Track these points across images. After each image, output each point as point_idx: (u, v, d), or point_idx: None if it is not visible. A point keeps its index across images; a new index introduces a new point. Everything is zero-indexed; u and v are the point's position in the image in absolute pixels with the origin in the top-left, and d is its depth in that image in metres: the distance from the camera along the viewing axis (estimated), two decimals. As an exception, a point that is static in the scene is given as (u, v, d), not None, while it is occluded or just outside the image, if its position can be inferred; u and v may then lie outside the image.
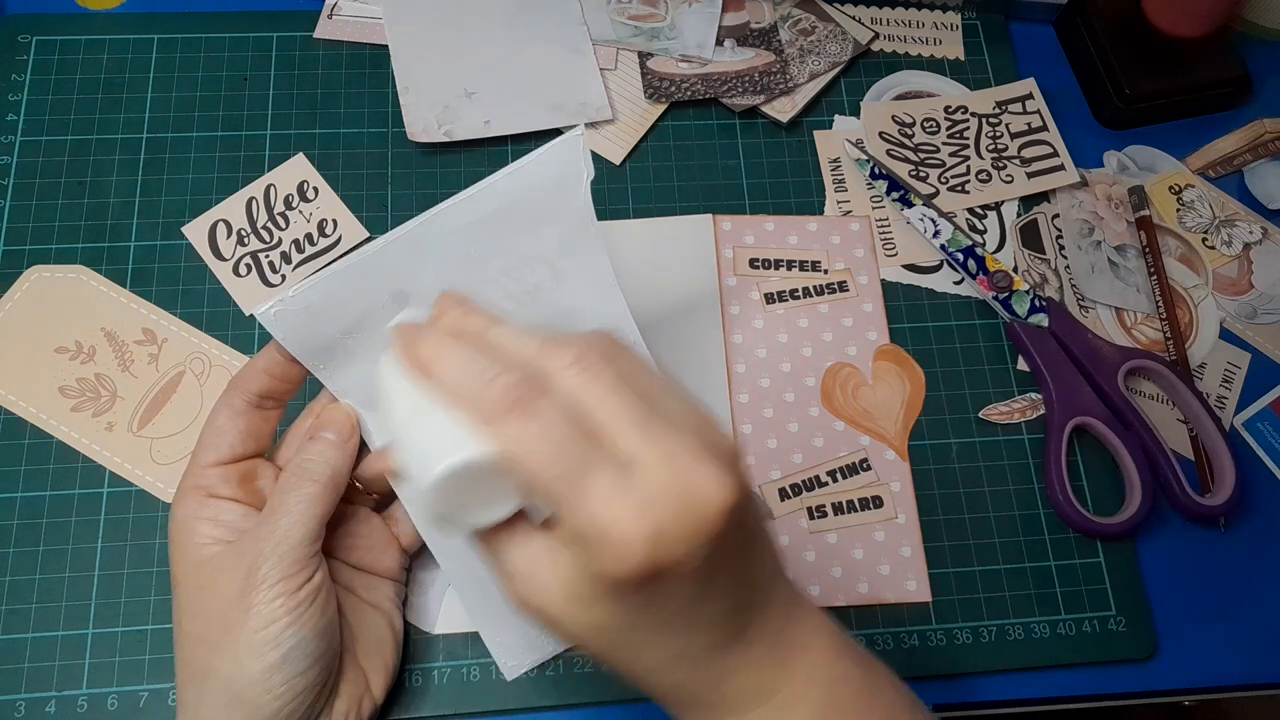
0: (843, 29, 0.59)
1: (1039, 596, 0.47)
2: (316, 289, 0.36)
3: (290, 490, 0.37)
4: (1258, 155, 0.57)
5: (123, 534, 0.46)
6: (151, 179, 0.52)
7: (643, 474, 0.28)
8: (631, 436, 0.29)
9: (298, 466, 0.38)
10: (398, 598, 0.43)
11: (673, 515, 0.28)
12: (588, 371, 0.30)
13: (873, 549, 0.47)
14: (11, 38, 0.55)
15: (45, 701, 0.43)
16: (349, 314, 0.37)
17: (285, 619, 0.35)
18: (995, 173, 0.56)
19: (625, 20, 0.58)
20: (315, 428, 0.39)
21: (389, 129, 0.54)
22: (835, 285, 0.52)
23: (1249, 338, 0.53)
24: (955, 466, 0.49)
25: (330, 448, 0.39)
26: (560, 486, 0.28)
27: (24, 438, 0.47)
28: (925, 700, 0.45)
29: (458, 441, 0.30)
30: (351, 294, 0.37)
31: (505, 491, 0.31)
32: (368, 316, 0.38)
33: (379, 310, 0.38)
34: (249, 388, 0.39)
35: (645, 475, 0.28)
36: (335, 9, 0.57)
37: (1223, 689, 0.47)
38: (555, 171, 0.38)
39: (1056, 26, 0.61)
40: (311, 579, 0.37)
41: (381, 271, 0.37)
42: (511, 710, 0.44)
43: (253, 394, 0.39)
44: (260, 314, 0.36)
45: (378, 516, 0.43)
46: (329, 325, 0.37)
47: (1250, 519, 0.50)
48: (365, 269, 0.37)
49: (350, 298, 0.37)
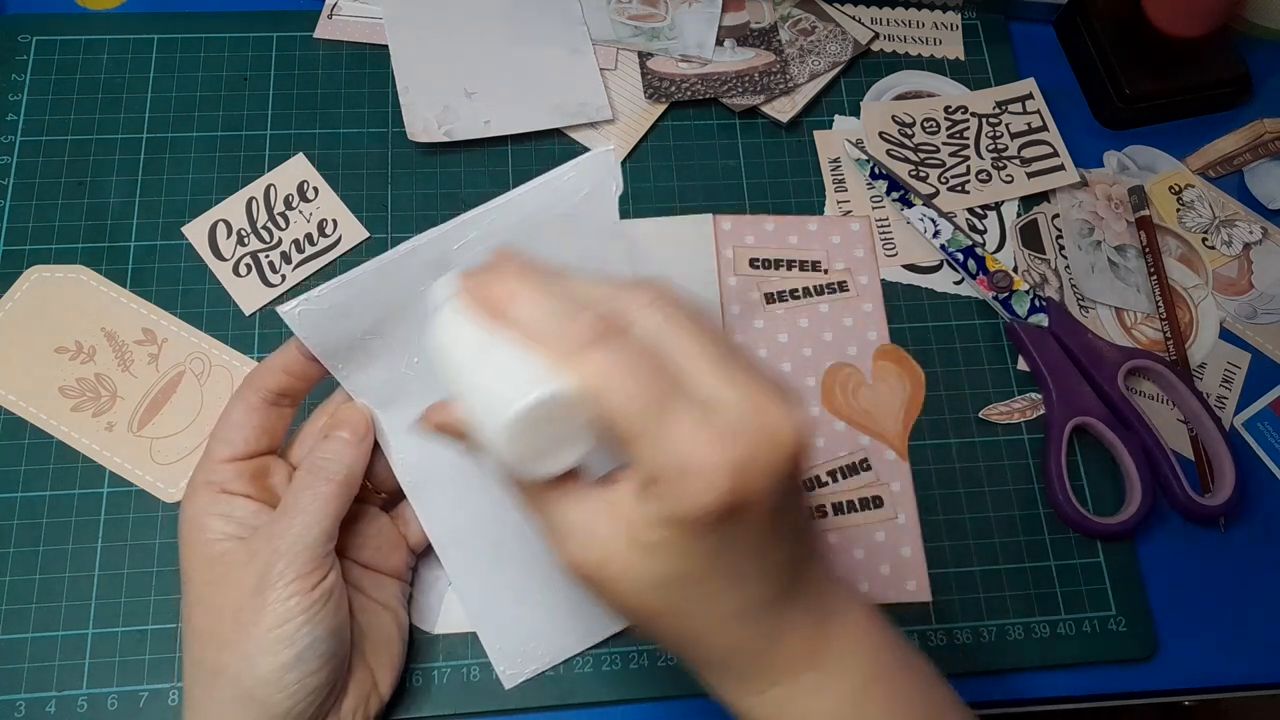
0: (843, 29, 0.59)
1: (1039, 596, 0.47)
2: (341, 291, 0.36)
3: (305, 488, 0.37)
4: (1258, 155, 0.57)
5: (123, 534, 0.46)
6: (151, 179, 0.52)
7: (724, 409, 0.28)
8: (710, 374, 0.29)
9: (313, 465, 0.38)
10: (404, 596, 0.43)
11: (753, 449, 0.28)
12: (664, 310, 0.30)
13: (873, 549, 0.47)
14: (11, 38, 0.55)
15: (45, 701, 0.43)
16: (371, 315, 0.37)
17: (300, 617, 0.35)
18: (995, 173, 0.56)
19: (625, 20, 0.58)
20: (330, 426, 0.39)
21: (389, 129, 0.54)
22: (835, 285, 0.53)
23: (1249, 338, 0.53)
24: (955, 466, 0.49)
25: (346, 446, 0.39)
26: (643, 421, 0.28)
27: (24, 438, 0.47)
28: (925, 700, 0.46)
29: (537, 377, 0.29)
30: (376, 296, 0.37)
31: (579, 433, 0.30)
32: (390, 319, 0.38)
33: (401, 313, 0.38)
34: (265, 384, 0.39)
35: (726, 411, 0.28)
36: (335, 9, 0.57)
37: (1223, 689, 0.47)
38: (586, 185, 0.38)
39: (1056, 26, 0.61)
40: (326, 578, 0.37)
41: (407, 275, 0.37)
42: (512, 710, 0.44)
43: (269, 391, 0.39)
44: (284, 312, 0.36)
45: (386, 516, 0.43)
46: (351, 326, 0.37)
47: (1250, 519, 0.50)
48: (391, 272, 0.37)
49: (374, 300, 0.37)
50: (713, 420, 0.28)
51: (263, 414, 0.39)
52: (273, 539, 0.36)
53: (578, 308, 0.30)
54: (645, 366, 0.28)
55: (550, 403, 0.29)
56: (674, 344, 0.29)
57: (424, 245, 0.37)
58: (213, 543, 0.37)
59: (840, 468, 0.49)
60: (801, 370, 0.51)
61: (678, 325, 0.30)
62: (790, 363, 0.51)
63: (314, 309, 0.36)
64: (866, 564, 0.47)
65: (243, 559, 0.36)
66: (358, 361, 0.39)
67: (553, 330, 0.29)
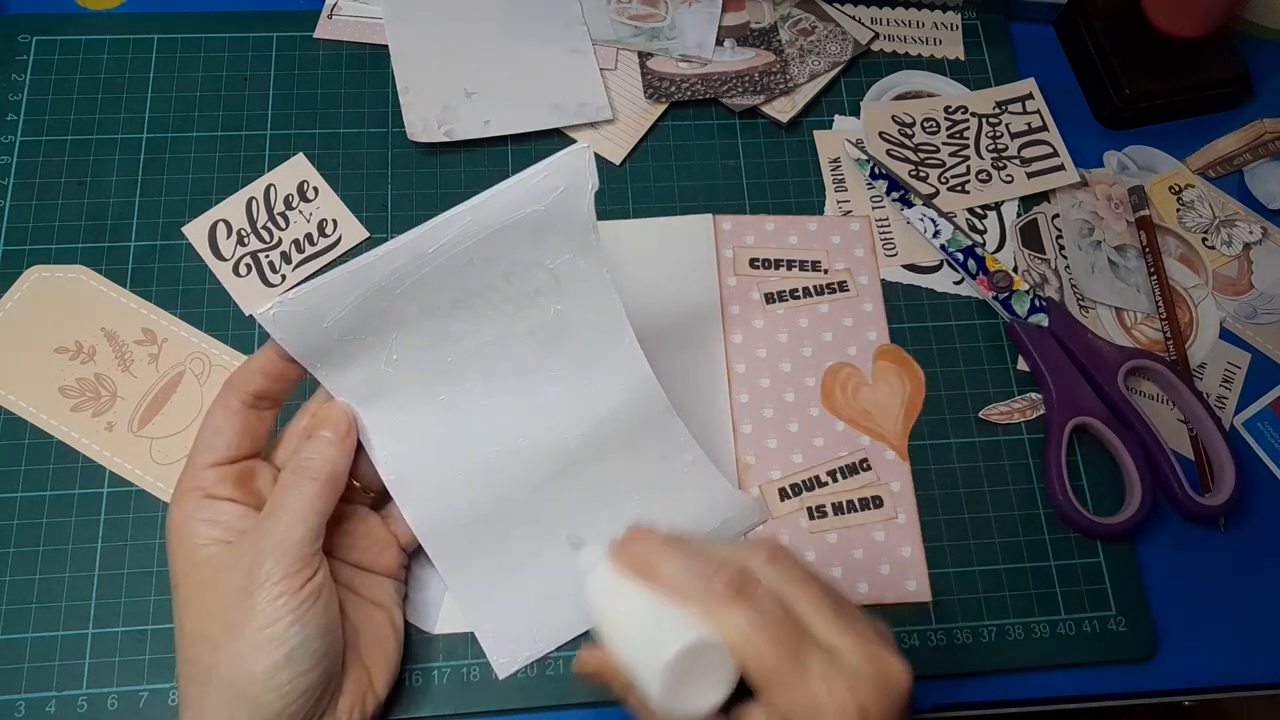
0: (843, 29, 0.59)
1: (1039, 596, 0.47)
2: (317, 292, 0.37)
3: (290, 489, 0.37)
4: (1258, 155, 0.57)
5: (123, 534, 0.46)
6: (151, 179, 0.52)
7: (845, 656, 0.33)
8: (828, 623, 0.34)
9: (296, 465, 0.38)
10: (398, 595, 0.43)
11: (875, 694, 0.33)
12: (781, 565, 0.35)
13: (873, 549, 0.47)
14: (11, 38, 0.55)
15: (45, 701, 0.43)
16: (349, 317, 0.38)
17: (288, 617, 0.36)
18: (995, 173, 0.56)
19: (625, 20, 0.58)
20: (312, 426, 0.40)
21: (389, 129, 0.54)
22: (835, 285, 0.52)
23: (1249, 338, 0.53)
24: (955, 466, 0.49)
25: (329, 445, 0.39)
26: (779, 669, 0.32)
27: (24, 438, 0.47)
28: (925, 700, 0.46)
29: (688, 627, 0.33)
30: (353, 297, 0.37)
31: (722, 677, 0.33)
32: (367, 319, 0.38)
33: (378, 314, 0.38)
34: (245, 388, 0.39)
35: (847, 657, 0.33)
36: (335, 9, 0.57)
37: (1223, 689, 0.47)
38: (561, 181, 0.38)
39: (1056, 26, 0.61)
40: (314, 577, 0.37)
41: (384, 275, 0.37)
42: (512, 710, 0.44)
43: (248, 394, 0.39)
44: (260, 315, 0.36)
45: (375, 515, 0.43)
46: (329, 327, 0.38)
47: (1250, 519, 0.50)
48: (367, 273, 0.37)
49: (351, 301, 0.37)
50: (838, 667, 0.33)
51: (244, 418, 0.39)
52: (259, 540, 0.36)
53: (714, 567, 0.34)
54: (778, 620, 0.33)
55: (699, 650, 0.33)
56: (795, 595, 0.34)
57: (399, 249, 0.37)
58: (200, 548, 0.37)
59: (840, 468, 0.49)
60: (801, 370, 0.50)
61: (795, 578, 0.35)
62: (790, 363, 0.51)
63: (288, 311, 0.37)
64: (866, 564, 0.47)
65: (229, 562, 0.37)
66: (336, 362, 0.39)
67: (695, 588, 0.34)
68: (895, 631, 0.46)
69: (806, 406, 0.50)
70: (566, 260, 0.40)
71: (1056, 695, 0.46)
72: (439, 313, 0.39)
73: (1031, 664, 0.46)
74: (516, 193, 0.38)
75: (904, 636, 0.46)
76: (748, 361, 0.50)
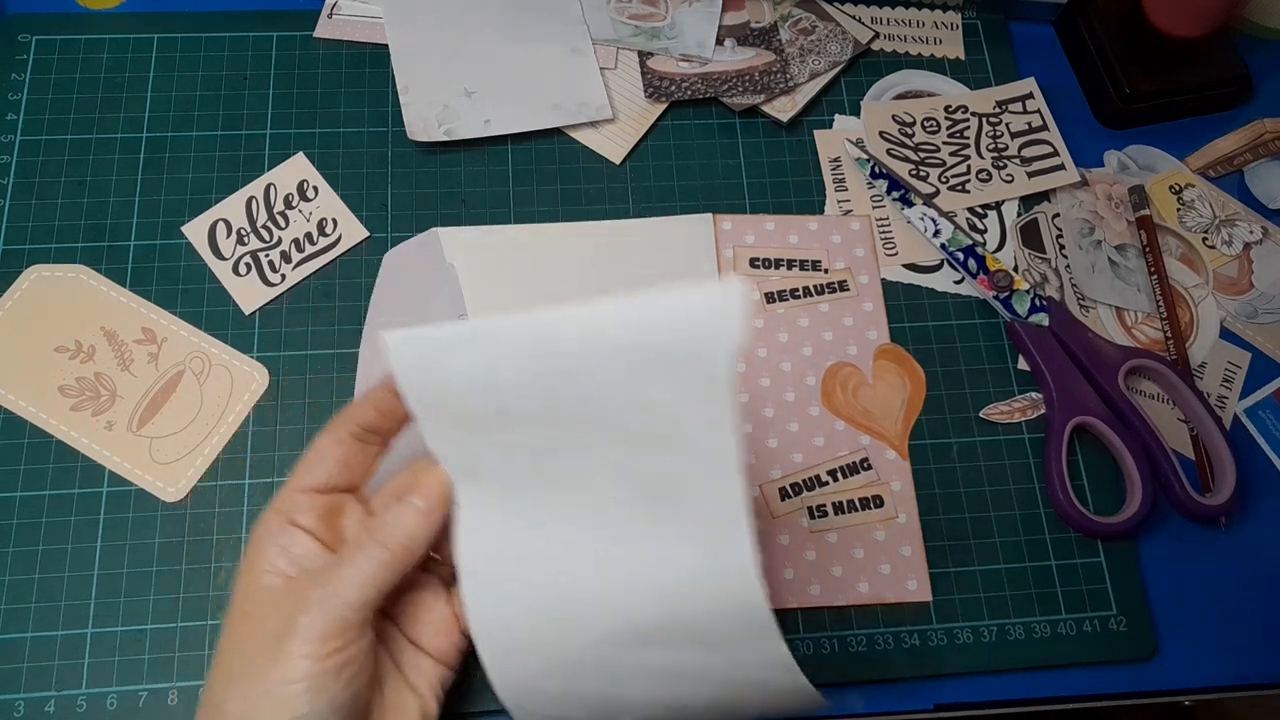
0: (843, 28, 0.59)
1: (1039, 596, 0.47)
2: (444, 343, 0.33)
3: (360, 549, 0.36)
4: (1258, 155, 0.57)
5: (122, 534, 0.46)
6: (151, 179, 0.52)
7: None
8: None
9: (376, 527, 0.36)
10: (441, 685, 0.39)
11: None
12: None
13: (873, 548, 0.47)
14: (11, 38, 0.55)
15: (45, 701, 0.43)
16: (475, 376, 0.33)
17: (304, 683, 0.33)
18: (995, 172, 0.56)
19: (625, 20, 0.58)
20: (407, 487, 0.37)
21: (389, 128, 0.54)
22: (835, 285, 0.52)
23: (1249, 337, 0.53)
24: (955, 466, 0.49)
25: (414, 514, 0.36)
26: None
27: (24, 437, 0.47)
28: (925, 700, 0.46)
29: None
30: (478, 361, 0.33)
31: None
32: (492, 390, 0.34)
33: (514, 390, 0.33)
34: (356, 418, 0.38)
35: None
36: (335, 9, 0.57)
37: (1223, 689, 0.47)
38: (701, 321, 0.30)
39: (1056, 26, 0.61)
40: (345, 649, 0.34)
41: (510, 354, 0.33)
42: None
43: (358, 425, 0.38)
44: (387, 338, 0.33)
45: (446, 593, 0.40)
46: (452, 376, 0.34)
47: (1251, 518, 0.50)
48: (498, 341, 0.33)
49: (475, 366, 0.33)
50: None
51: (348, 448, 0.38)
52: (311, 588, 0.35)
53: None
54: None
55: None
56: None
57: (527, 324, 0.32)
58: (264, 573, 0.36)
59: (840, 467, 0.49)
60: (801, 370, 0.50)
61: None
62: (790, 362, 0.51)
63: (417, 345, 0.33)
64: (867, 563, 0.47)
65: (280, 599, 0.35)
66: (447, 420, 0.35)
67: None
68: (896, 631, 0.46)
69: (807, 406, 0.50)
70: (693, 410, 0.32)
71: (1057, 695, 0.46)
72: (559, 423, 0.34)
73: (1032, 664, 0.46)
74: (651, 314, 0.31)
75: (905, 636, 0.46)
76: (748, 361, 0.50)
